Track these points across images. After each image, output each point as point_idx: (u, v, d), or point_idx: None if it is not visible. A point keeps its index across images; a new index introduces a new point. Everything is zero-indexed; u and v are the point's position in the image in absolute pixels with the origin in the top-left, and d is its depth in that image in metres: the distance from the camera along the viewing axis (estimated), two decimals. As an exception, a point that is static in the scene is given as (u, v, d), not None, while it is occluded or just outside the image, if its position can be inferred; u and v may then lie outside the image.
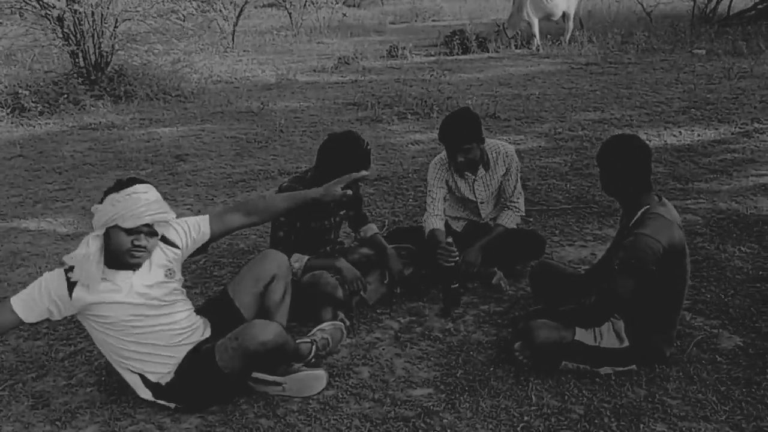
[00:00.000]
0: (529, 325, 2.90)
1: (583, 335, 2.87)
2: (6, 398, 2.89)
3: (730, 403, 2.69)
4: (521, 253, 3.86)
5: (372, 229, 3.81)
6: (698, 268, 3.84)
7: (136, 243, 2.59)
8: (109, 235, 2.59)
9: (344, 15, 18.43)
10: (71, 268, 2.59)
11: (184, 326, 2.80)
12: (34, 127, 7.94)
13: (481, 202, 3.96)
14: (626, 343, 2.88)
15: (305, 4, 16.68)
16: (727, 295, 3.54)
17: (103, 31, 9.45)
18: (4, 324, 2.61)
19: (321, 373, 2.88)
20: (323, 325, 3.18)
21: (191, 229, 2.85)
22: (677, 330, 3.15)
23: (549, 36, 12.66)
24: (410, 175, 5.73)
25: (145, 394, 2.75)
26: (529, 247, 3.86)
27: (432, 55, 12.59)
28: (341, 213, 3.72)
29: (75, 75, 9.51)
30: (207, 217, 2.91)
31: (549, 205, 4.96)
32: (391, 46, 12.96)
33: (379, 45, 13.74)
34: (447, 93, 8.68)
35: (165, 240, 2.77)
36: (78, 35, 9.36)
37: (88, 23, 9.28)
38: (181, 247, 2.82)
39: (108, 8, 9.32)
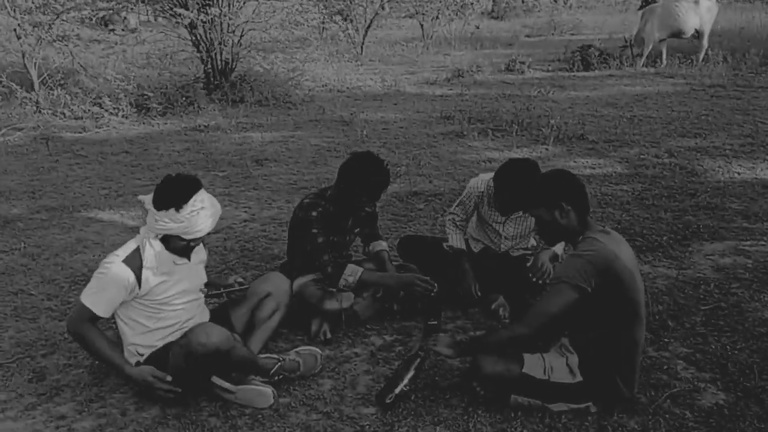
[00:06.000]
0: (476, 358, 2.87)
1: (532, 368, 2.79)
2: (12, 370, 3.27)
3: (673, 462, 2.53)
4: (526, 281, 3.76)
5: (380, 245, 3.88)
6: (717, 316, 3.58)
7: (192, 244, 2.98)
8: (167, 238, 2.94)
9: (477, 27, 18.44)
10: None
11: (191, 317, 3.07)
12: (153, 126, 8.68)
13: (506, 238, 3.93)
14: (578, 378, 2.77)
15: (436, 16, 16.83)
16: (735, 348, 3.27)
17: (228, 40, 10.13)
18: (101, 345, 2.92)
19: (267, 391, 2.95)
20: (301, 349, 3.25)
21: None
22: (660, 379, 3.02)
23: (679, 55, 11.98)
24: (466, 193, 5.70)
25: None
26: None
27: (550, 71, 12.33)
28: (356, 231, 3.84)
29: (201, 80, 10.33)
30: None
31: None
32: (510, 61, 12.83)
33: (503, 58, 13.62)
34: (539, 111, 8.50)
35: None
36: (207, 43, 10.13)
37: (216, 32, 10.03)
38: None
39: (232, 19, 10.01)
